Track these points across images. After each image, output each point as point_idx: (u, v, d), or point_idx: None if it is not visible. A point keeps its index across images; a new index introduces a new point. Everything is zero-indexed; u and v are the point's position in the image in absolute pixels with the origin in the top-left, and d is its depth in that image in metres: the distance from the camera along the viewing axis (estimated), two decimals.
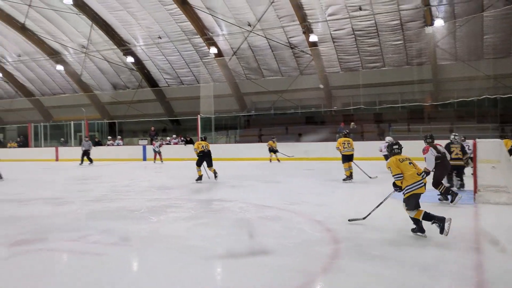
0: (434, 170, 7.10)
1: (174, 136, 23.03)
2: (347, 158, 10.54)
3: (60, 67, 24.93)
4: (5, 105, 29.88)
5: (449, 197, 7.07)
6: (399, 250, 4.53)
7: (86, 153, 18.93)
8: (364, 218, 5.76)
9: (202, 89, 23.31)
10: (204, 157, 11.10)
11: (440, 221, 4.77)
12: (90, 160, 18.97)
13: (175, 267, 4.12)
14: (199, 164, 11.14)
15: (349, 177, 10.47)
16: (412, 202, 4.95)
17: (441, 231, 4.74)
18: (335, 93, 22.69)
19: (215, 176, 11.16)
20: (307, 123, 22.53)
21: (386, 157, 7.66)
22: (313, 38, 19.88)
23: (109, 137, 24.70)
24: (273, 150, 17.76)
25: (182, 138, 22.42)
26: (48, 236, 5.38)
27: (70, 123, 26.19)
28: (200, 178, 11.01)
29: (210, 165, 11.19)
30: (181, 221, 6.21)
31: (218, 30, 21.13)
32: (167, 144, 22.24)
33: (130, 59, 23.35)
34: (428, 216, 4.87)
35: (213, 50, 21.45)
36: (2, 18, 22.18)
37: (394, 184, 5.11)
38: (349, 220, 5.79)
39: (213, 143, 22.75)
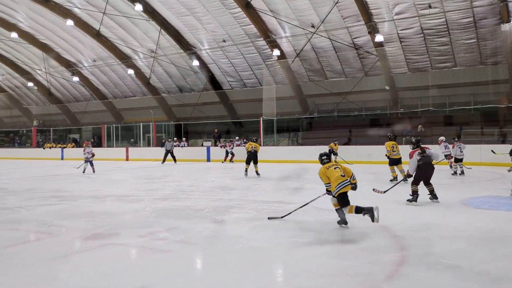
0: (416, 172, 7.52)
1: (236, 138, 23.41)
2: (395, 162, 10.87)
3: (130, 71, 26.25)
4: (81, 107, 31.99)
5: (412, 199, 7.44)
6: (471, 261, 4.26)
7: (169, 153, 20.44)
8: (282, 217, 6.33)
9: (265, 91, 23.48)
10: (251, 156, 12.94)
11: (369, 211, 5.28)
12: (174, 159, 20.45)
13: (238, 267, 4.17)
14: (247, 162, 13.05)
15: (396, 178, 10.69)
16: (342, 200, 5.59)
17: (372, 220, 5.25)
18: (401, 94, 21.89)
19: (257, 174, 12.86)
20: (372, 126, 21.92)
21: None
22: (379, 38, 19.32)
23: (175, 139, 25.62)
24: (334, 153, 17.50)
25: (244, 140, 22.73)
26: (120, 232, 5.67)
27: (139, 125, 27.52)
28: (246, 172, 12.81)
29: (255, 162, 13.03)
30: (244, 222, 6.29)
31: (281, 32, 21.19)
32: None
33: (195, 63, 24.06)
34: (358, 209, 5.44)
35: (276, 52, 21.54)
36: (79, 26, 23.77)
37: (327, 190, 5.87)
38: (268, 218, 6.32)
39: (275, 145, 22.85)
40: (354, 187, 5.87)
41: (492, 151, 13.89)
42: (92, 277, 3.92)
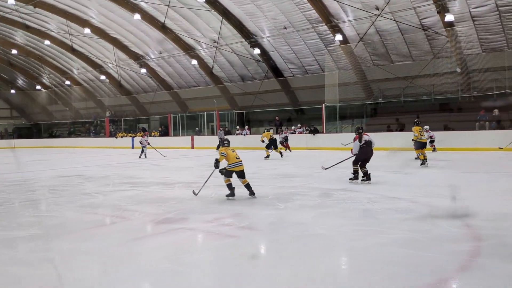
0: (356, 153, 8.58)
1: (298, 125, 23.30)
2: (423, 146, 11.63)
3: (194, 62, 26.92)
4: (149, 98, 33.42)
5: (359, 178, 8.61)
6: None
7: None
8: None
9: (327, 77, 23.09)
10: (272, 143, 15.85)
11: (232, 190, 7.12)
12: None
13: (302, 253, 4.19)
14: (268, 147, 15.90)
15: (425, 160, 11.37)
16: (227, 174, 7.17)
17: (250, 194, 7.15)
18: (474, 77, 20.55)
19: (281, 155, 16.10)
20: (441, 111, 20.83)
21: None
22: (449, 17, 18.18)
23: (238, 127, 26.02)
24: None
25: (306, 128, 22.58)
26: (189, 217, 5.91)
27: (203, 114, 28.27)
28: (268, 156, 15.58)
29: (276, 148, 16.03)
30: (307, 209, 6.29)
31: (344, 17, 20.64)
32: (292, 133, 22.61)
33: (256, 51, 24.16)
34: (229, 186, 7.16)
35: (339, 37, 21.02)
36: (146, 19, 24.71)
37: (216, 160, 7.27)
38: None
39: (338, 132, 22.46)
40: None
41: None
42: (164, 260, 4.13)
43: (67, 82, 36.05)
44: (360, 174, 8.63)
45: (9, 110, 44.57)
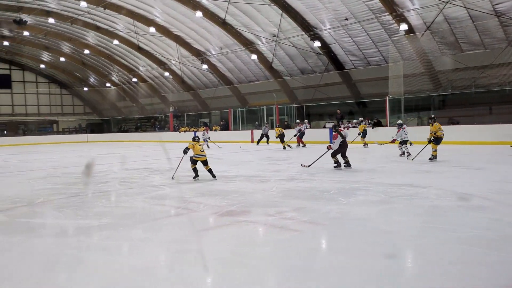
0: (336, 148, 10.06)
1: (360, 118, 22.75)
2: (440, 141, 11.51)
3: (254, 56, 27.10)
4: (210, 93, 34.17)
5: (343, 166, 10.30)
6: None
7: (265, 136, 22.38)
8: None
9: (391, 69, 22.27)
10: (283, 136, 19.13)
11: (196, 172, 9.08)
12: (267, 141, 22.47)
13: (365, 249, 4.11)
14: (282, 140, 19.07)
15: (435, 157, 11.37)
16: (193, 162, 9.08)
17: (213, 177, 9.08)
18: None
19: (290, 147, 18.96)
20: None
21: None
22: None
23: (297, 121, 25.87)
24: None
25: (369, 121, 22.00)
26: (251, 210, 5.99)
27: (262, 108, 28.44)
28: (284, 147, 18.59)
29: (282, 141, 18.98)
30: (371, 205, 6.14)
31: (409, 5, 19.77)
32: (353, 127, 22.13)
33: (317, 44, 23.83)
34: (194, 170, 9.10)
35: (403, 26, 20.18)
36: (207, 16, 25.21)
37: (186, 148, 9.16)
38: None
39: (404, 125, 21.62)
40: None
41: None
42: (228, 251, 4.23)
43: (134, 79, 37.79)
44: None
45: (83, 106, 47.65)
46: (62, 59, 37.38)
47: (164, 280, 3.55)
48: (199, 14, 23.78)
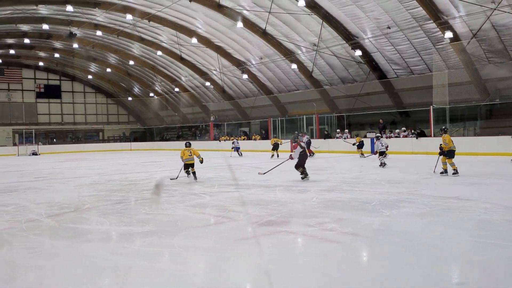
0: (298, 158, 10.56)
1: (403, 128, 22.20)
2: (453, 154, 10.99)
3: (294, 66, 27.09)
4: (250, 102, 34.41)
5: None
6: None
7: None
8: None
9: (435, 77, 21.63)
10: (276, 146, 20.80)
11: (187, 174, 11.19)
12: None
13: (408, 263, 3.98)
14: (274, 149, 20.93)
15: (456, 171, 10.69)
16: (185, 166, 11.10)
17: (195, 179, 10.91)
18: None
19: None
20: None
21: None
22: None
23: (338, 130, 25.60)
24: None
25: (412, 131, 21.41)
26: (290, 220, 5.96)
27: (302, 117, 28.31)
28: (272, 156, 20.58)
29: (275, 149, 21.00)
30: (415, 217, 5.96)
31: (454, 12, 19.18)
32: (396, 136, 21.62)
33: (358, 53, 23.53)
34: (187, 173, 11.14)
35: (448, 34, 19.57)
36: (248, 27, 25.50)
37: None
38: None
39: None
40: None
41: None
42: (268, 261, 4.21)
43: (176, 89, 38.68)
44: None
45: (127, 115, 49.23)
46: (108, 70, 38.90)
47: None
48: (240, 24, 24.10)
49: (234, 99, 35.53)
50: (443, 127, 12.66)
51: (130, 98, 44.68)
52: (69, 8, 24.82)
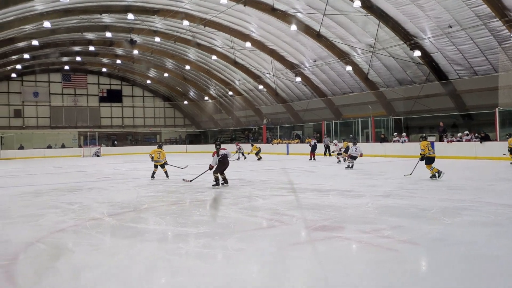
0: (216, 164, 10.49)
1: (466, 132, 21.10)
2: (432, 160, 11.27)
3: (349, 68, 26.59)
4: (303, 105, 34.20)
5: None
6: None
7: (327, 148, 24.16)
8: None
9: (501, 78, 20.39)
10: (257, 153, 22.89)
11: (153, 175, 12.95)
12: (329, 153, 24.03)
13: (474, 277, 3.74)
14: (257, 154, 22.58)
15: (439, 172, 11.00)
16: (155, 166, 13.03)
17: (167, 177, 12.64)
18: None
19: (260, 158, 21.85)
20: None
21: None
22: None
23: (395, 134, 24.80)
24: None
25: (476, 134, 20.30)
26: (345, 226, 5.82)
27: (357, 120, 27.71)
28: (259, 158, 22.21)
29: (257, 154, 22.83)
30: (478, 227, 5.62)
31: None
32: (458, 140, 20.60)
33: (417, 53, 22.68)
34: (153, 174, 12.98)
35: None
36: (301, 29, 25.38)
37: (151, 157, 12.94)
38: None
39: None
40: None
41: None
42: (321, 268, 4.13)
43: (230, 93, 39.27)
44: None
45: (183, 118, 50.71)
46: (165, 74, 40.29)
47: None
48: (293, 27, 24.05)
49: (287, 102, 35.49)
50: (422, 135, 13.04)
51: (186, 102, 46.02)
52: (130, 16, 26.03)
